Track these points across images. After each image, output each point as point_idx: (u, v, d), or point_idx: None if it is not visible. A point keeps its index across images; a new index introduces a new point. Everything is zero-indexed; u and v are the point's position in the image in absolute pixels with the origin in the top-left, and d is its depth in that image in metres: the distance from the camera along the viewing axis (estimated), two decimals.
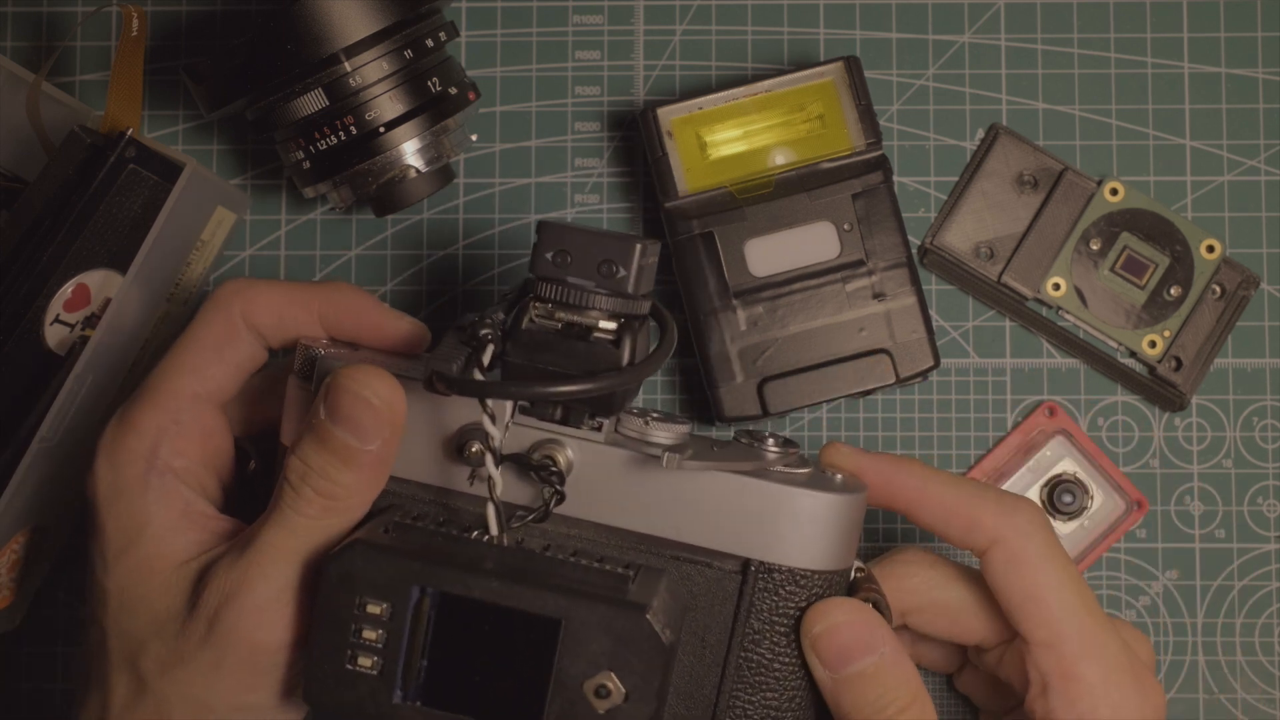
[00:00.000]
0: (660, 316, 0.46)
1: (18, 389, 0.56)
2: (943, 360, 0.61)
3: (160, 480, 0.47)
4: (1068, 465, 0.61)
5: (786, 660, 0.46)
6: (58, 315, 0.56)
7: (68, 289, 0.56)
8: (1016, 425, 0.62)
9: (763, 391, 0.58)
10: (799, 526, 0.45)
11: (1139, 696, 0.47)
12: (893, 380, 0.58)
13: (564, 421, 0.45)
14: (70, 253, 0.56)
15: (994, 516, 0.47)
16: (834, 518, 0.45)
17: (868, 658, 0.45)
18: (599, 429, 0.45)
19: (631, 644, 0.41)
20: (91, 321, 0.56)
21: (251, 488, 0.50)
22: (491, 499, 0.43)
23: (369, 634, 0.42)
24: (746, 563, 0.45)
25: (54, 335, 0.56)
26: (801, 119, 0.59)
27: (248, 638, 0.44)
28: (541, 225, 0.44)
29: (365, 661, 0.42)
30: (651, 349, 0.45)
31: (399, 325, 0.50)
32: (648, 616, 0.41)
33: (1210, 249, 0.61)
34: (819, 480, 0.46)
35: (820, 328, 0.58)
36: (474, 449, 0.44)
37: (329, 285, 0.50)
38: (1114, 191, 0.61)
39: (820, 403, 0.58)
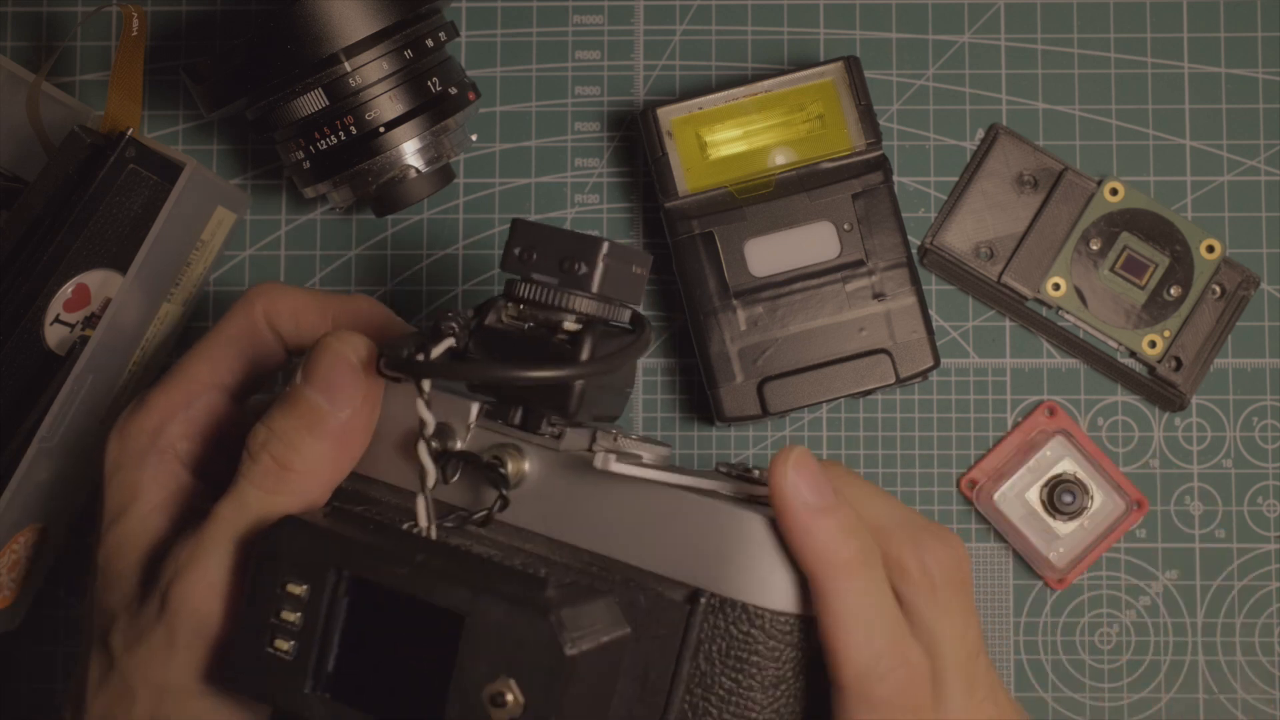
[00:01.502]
0: (639, 323, 0.44)
1: (18, 389, 0.56)
2: (943, 360, 0.61)
3: (159, 459, 0.46)
4: (1068, 465, 0.61)
5: (734, 711, 0.41)
6: (58, 315, 0.56)
7: (68, 289, 0.56)
8: (1016, 425, 0.62)
9: (763, 391, 0.58)
10: (754, 556, 0.40)
11: None
12: (893, 380, 0.58)
13: (523, 426, 0.43)
14: (70, 253, 0.56)
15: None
16: None
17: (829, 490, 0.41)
18: (559, 436, 0.43)
19: (531, 650, 0.37)
20: (91, 321, 0.56)
21: None
22: (423, 490, 0.41)
23: (288, 615, 0.40)
24: (695, 593, 0.41)
25: (54, 335, 0.56)
26: (801, 119, 0.59)
27: (195, 613, 0.43)
28: (514, 222, 0.43)
29: (283, 645, 0.40)
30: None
31: None
32: (549, 619, 0.37)
33: (1210, 249, 0.61)
34: None
35: (820, 328, 0.58)
36: (434, 445, 0.42)
37: (349, 297, 0.49)
38: (1114, 191, 0.61)
39: (820, 403, 0.58)
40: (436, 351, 0.42)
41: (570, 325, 0.42)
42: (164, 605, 0.43)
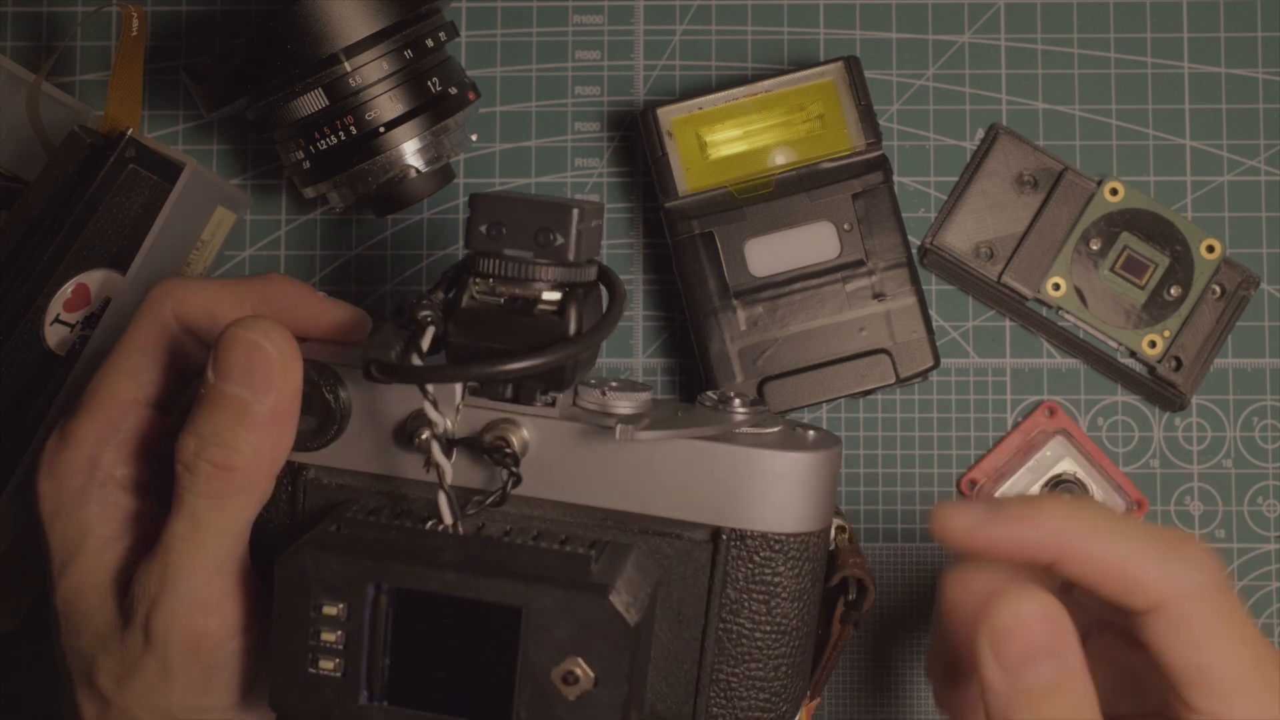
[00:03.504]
0: (609, 280, 0.44)
1: (18, 389, 0.56)
2: (943, 360, 0.61)
3: (101, 491, 0.45)
4: (1068, 465, 0.61)
5: (768, 629, 0.44)
6: (58, 315, 0.56)
7: (68, 289, 0.56)
8: (1016, 425, 0.62)
9: (763, 391, 0.58)
10: (769, 490, 0.43)
11: None
12: (893, 380, 0.58)
13: (516, 399, 0.43)
14: (70, 253, 0.56)
15: (1158, 575, 0.40)
16: (805, 477, 0.43)
17: (1049, 663, 0.38)
18: (553, 404, 0.43)
19: (596, 627, 0.39)
20: (91, 321, 0.56)
21: None
22: (442, 487, 0.41)
23: (328, 636, 0.41)
24: (717, 531, 0.43)
25: (54, 335, 0.56)
26: (801, 119, 0.59)
27: (184, 636, 0.43)
28: (474, 197, 0.42)
29: (327, 665, 0.41)
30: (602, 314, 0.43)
31: (336, 313, 0.47)
32: (610, 598, 0.39)
33: (1210, 249, 0.61)
34: (788, 439, 0.44)
35: (820, 328, 0.58)
36: (423, 436, 0.42)
37: (262, 278, 0.47)
38: (1114, 191, 0.61)
39: (820, 403, 0.58)
40: (425, 344, 0.41)
41: (549, 295, 0.42)
42: (148, 636, 0.43)
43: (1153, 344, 0.61)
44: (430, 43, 0.56)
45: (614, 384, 0.44)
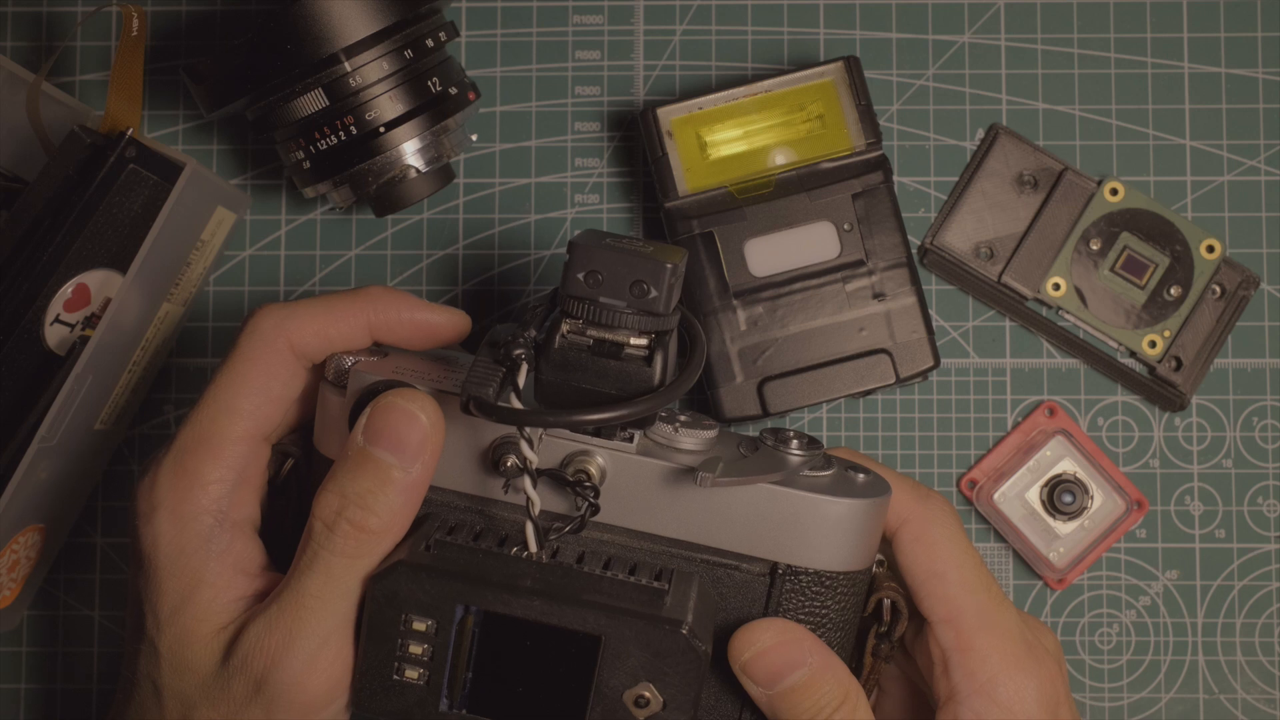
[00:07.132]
0: (689, 326, 0.47)
1: (18, 389, 0.56)
2: (943, 360, 0.61)
3: (226, 537, 0.46)
4: (1068, 465, 0.61)
5: None
6: (58, 315, 0.56)
7: (68, 289, 0.56)
8: (1016, 425, 0.62)
9: (763, 391, 0.58)
10: (826, 532, 0.46)
11: (1034, 664, 0.48)
12: (893, 380, 0.58)
13: (598, 434, 0.46)
14: (70, 253, 0.56)
15: (907, 499, 0.49)
16: (860, 523, 0.46)
17: (797, 672, 0.45)
18: (631, 439, 0.46)
19: (669, 657, 0.43)
20: (91, 321, 0.56)
21: (285, 489, 0.50)
22: (531, 518, 0.44)
23: (415, 648, 0.43)
24: (774, 566, 0.46)
25: (54, 335, 0.56)
26: (801, 119, 0.59)
27: (300, 695, 0.44)
28: (573, 245, 0.44)
29: (412, 673, 0.43)
30: (682, 356, 0.46)
31: (439, 318, 0.49)
32: (684, 632, 0.42)
33: (1210, 249, 0.61)
34: (843, 483, 0.47)
35: (820, 328, 0.58)
36: (509, 463, 0.45)
37: (364, 292, 0.49)
38: (1114, 191, 0.61)
39: (820, 403, 0.58)
40: (520, 382, 0.43)
41: (636, 340, 0.44)
42: (259, 690, 0.44)
43: (1153, 344, 0.61)
44: (430, 43, 0.56)
45: (683, 418, 0.46)
